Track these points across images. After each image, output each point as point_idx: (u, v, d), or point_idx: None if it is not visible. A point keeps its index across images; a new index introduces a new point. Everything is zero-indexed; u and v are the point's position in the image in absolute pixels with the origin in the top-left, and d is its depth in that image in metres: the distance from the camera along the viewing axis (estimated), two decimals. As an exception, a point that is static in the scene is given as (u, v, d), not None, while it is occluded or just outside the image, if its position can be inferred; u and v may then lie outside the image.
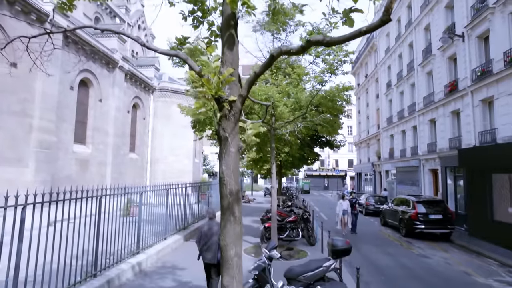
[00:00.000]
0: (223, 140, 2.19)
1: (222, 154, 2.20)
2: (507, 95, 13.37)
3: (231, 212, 2.16)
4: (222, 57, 2.21)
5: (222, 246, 2.17)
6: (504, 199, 13.19)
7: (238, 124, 2.25)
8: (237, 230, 2.16)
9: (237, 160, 2.20)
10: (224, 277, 2.17)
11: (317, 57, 10.95)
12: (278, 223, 11.49)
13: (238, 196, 2.20)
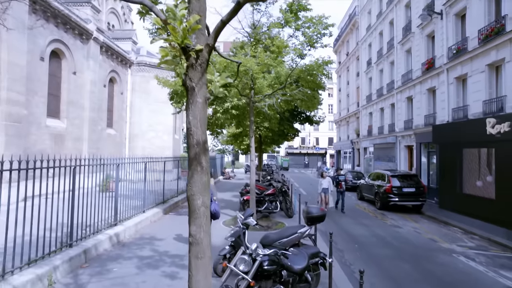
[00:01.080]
0: (190, 90, 2.16)
1: (189, 104, 2.18)
2: (479, 72, 13.75)
3: (198, 162, 2.16)
4: (189, 5, 2.15)
5: (189, 196, 2.19)
6: (473, 173, 13.82)
7: (205, 75, 2.21)
8: (204, 180, 2.17)
9: (204, 110, 2.18)
10: (191, 227, 2.20)
11: (297, 30, 10.85)
12: (257, 196, 11.67)
13: (205, 147, 2.20)
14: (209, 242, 2.21)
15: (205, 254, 2.18)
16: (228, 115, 10.57)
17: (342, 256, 8.13)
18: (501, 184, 11.80)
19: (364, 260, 7.91)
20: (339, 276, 6.41)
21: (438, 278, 6.83)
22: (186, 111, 2.23)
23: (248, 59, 9.51)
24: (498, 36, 12.41)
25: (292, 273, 4.72)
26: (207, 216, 2.21)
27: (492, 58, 12.96)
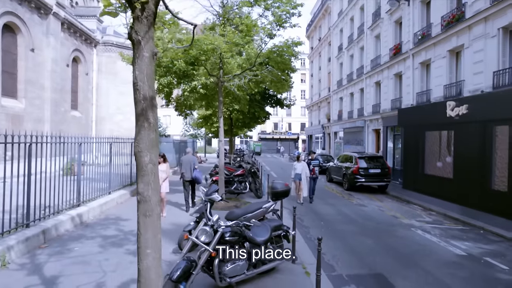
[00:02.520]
0: (136, 43, 2.07)
1: (135, 58, 2.09)
2: (441, 58, 14.28)
3: (145, 118, 2.10)
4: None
5: (136, 152, 2.12)
6: (434, 155, 14.49)
7: (152, 28, 2.13)
8: (152, 136, 2.11)
9: (151, 65, 2.11)
10: (139, 184, 2.15)
11: (267, 9, 10.71)
12: (226, 176, 11.69)
13: (153, 103, 2.13)
14: (157, 200, 2.17)
15: (153, 212, 2.14)
16: (196, 95, 10.39)
17: (308, 232, 8.35)
18: (458, 164, 12.46)
19: (329, 235, 8.15)
20: (303, 250, 6.58)
21: (396, 250, 7.18)
22: (132, 66, 2.14)
23: (216, 37, 9.32)
24: (459, 23, 12.88)
25: (255, 244, 4.79)
26: (155, 173, 2.17)
27: (453, 44, 13.47)
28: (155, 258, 2.15)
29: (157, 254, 2.17)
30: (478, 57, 11.99)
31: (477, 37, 12.07)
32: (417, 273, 5.89)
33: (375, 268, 6.05)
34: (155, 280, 2.14)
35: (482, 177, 11.17)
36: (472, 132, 11.69)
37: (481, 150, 11.31)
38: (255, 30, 10.14)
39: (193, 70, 9.30)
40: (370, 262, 6.34)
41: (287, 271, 5.43)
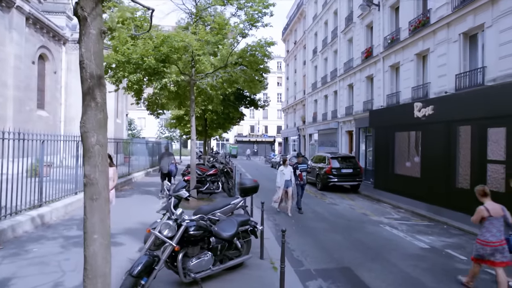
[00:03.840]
0: (82, 20, 1.99)
1: (81, 36, 2.01)
2: (409, 61, 14.81)
3: (92, 97, 2.02)
4: None
5: (82, 133, 2.04)
6: (403, 155, 14.95)
7: (99, 5, 2.05)
8: (99, 117, 2.03)
9: (99, 44, 2.03)
10: (86, 167, 2.06)
11: (240, 9, 10.73)
12: (199, 176, 11.56)
13: (101, 82, 2.05)
14: (105, 184, 2.09)
15: (100, 195, 2.06)
16: (167, 92, 10.22)
17: (279, 230, 8.36)
18: (425, 164, 12.91)
19: (300, 233, 8.21)
20: (272, 246, 6.58)
21: (364, 244, 7.32)
22: (79, 43, 2.05)
23: (187, 35, 9.23)
24: (424, 28, 13.42)
25: (221, 239, 4.73)
26: (103, 155, 2.08)
27: (419, 48, 14.01)
28: (102, 244, 2.07)
29: (104, 240, 2.09)
30: (442, 60, 12.51)
31: (441, 42, 12.60)
32: (382, 265, 6.02)
33: (343, 262, 6.13)
34: (102, 266, 2.05)
35: (447, 175, 11.62)
36: (438, 132, 12.16)
37: (446, 149, 11.78)
38: (227, 29, 10.10)
39: (164, 68, 9.15)
40: (338, 257, 6.43)
41: (254, 266, 5.40)
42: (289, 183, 10.23)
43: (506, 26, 9.69)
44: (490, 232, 4.86)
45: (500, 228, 4.88)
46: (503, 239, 4.84)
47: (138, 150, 20.90)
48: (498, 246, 4.79)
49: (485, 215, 4.93)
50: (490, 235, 4.84)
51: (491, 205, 4.99)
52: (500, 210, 4.96)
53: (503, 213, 4.95)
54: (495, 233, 4.83)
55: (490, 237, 4.83)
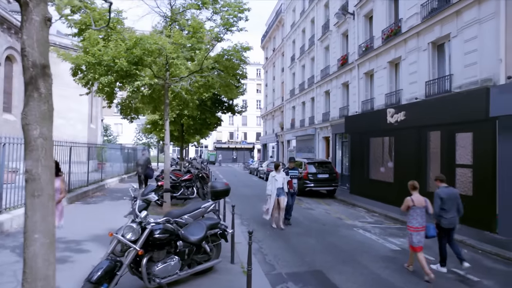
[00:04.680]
0: (23, 5, 1.88)
1: (23, 22, 1.90)
2: (382, 68, 15.20)
3: (35, 87, 1.90)
4: None
5: (23, 125, 1.91)
6: (377, 160, 15.23)
7: (44, -10, 1.94)
8: (43, 108, 1.91)
9: (43, 31, 1.92)
10: (27, 161, 1.93)
11: (216, 13, 10.70)
12: (173, 182, 11.35)
13: (45, 72, 1.94)
14: (49, 179, 1.96)
15: (43, 192, 1.93)
16: (139, 95, 10.01)
17: (253, 234, 8.26)
18: (398, 169, 13.20)
19: (273, 237, 8.15)
20: (244, 250, 6.45)
21: (337, 248, 7.34)
22: (20, 30, 1.93)
23: (161, 37, 9.10)
24: (396, 36, 13.83)
25: (189, 243, 4.61)
26: (48, 149, 1.96)
27: (392, 56, 14.41)
28: (44, 243, 1.93)
29: (46, 239, 1.95)
30: (413, 68, 12.91)
31: (411, 50, 13.01)
32: (353, 268, 6.04)
33: (315, 266, 6.11)
34: (43, 268, 1.91)
35: (418, 180, 11.86)
36: (409, 137, 12.48)
37: (417, 154, 12.09)
38: (202, 32, 10.04)
39: (137, 70, 8.95)
40: (310, 260, 6.40)
41: (224, 270, 5.28)
42: (281, 191, 8.97)
43: (470, 36, 10.11)
44: (416, 220, 5.77)
45: (422, 216, 5.79)
46: (424, 226, 5.77)
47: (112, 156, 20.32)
48: (420, 231, 5.72)
49: (410, 204, 5.84)
50: (416, 221, 5.76)
51: (416, 197, 5.87)
52: (423, 201, 5.84)
53: (425, 204, 5.83)
54: (418, 220, 5.76)
55: (416, 223, 5.75)
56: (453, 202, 5.92)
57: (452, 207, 5.90)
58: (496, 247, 7.34)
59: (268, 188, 9.09)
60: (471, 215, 9.47)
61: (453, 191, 6.14)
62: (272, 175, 9.13)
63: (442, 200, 5.88)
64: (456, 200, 5.98)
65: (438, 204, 5.89)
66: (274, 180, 8.98)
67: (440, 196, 5.91)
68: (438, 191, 6.04)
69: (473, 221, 9.31)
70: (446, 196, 5.90)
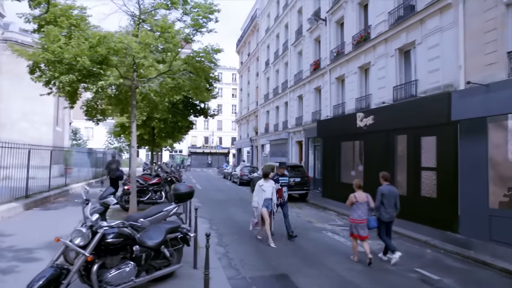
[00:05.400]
0: None
1: None
2: (353, 73, 15.51)
3: None
4: None
5: None
6: (348, 164, 15.46)
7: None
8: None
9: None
10: None
11: (186, 14, 10.52)
12: (141, 186, 11.01)
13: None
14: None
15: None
16: (103, 95, 9.63)
17: (221, 239, 8.09)
18: (367, 172, 13.42)
19: (241, 241, 8.00)
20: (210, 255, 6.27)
21: (304, 251, 7.29)
22: None
23: (127, 36, 8.81)
24: (366, 42, 14.17)
25: (146, 248, 4.38)
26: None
27: (361, 61, 14.73)
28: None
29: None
30: (381, 73, 13.23)
31: (380, 56, 13.35)
32: (319, 271, 5.99)
33: (280, 269, 6.01)
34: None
35: (386, 182, 12.15)
36: (378, 141, 12.74)
37: (385, 158, 12.35)
38: (170, 32, 9.82)
39: (101, 70, 8.59)
40: (276, 264, 6.30)
41: (186, 276, 5.08)
42: (269, 202, 7.86)
43: (433, 43, 10.49)
44: (356, 213, 6.58)
45: (364, 210, 6.60)
46: (365, 219, 6.55)
47: (80, 160, 19.50)
48: (361, 223, 6.50)
49: (353, 200, 6.67)
50: (357, 215, 6.58)
51: (359, 194, 6.74)
52: (364, 197, 6.69)
53: (366, 199, 6.67)
54: (360, 214, 6.56)
55: (357, 217, 6.57)
56: (392, 199, 6.70)
57: (391, 203, 6.67)
58: (457, 246, 7.55)
59: (254, 199, 7.99)
60: (435, 216, 9.78)
61: (393, 189, 6.89)
62: (259, 184, 7.97)
63: (384, 196, 6.65)
64: (395, 197, 6.77)
65: (379, 199, 6.66)
66: (261, 191, 7.86)
67: (382, 192, 6.69)
68: (380, 188, 6.82)
69: (437, 222, 9.59)
70: (387, 192, 6.68)
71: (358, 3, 15.31)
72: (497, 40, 8.33)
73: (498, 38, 8.31)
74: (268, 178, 8.11)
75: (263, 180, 8.05)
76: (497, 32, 8.33)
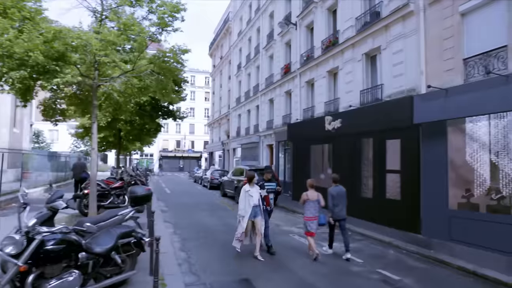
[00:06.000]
0: None
1: None
2: (322, 77, 15.70)
3: None
4: None
5: None
6: (318, 167, 15.57)
7: None
8: None
9: None
10: None
11: (152, 12, 10.20)
12: (102, 190, 10.52)
13: None
14: None
15: None
16: (60, 95, 9.11)
17: (184, 244, 7.80)
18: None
19: (205, 246, 7.75)
20: (169, 261, 6.01)
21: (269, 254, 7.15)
22: None
23: (86, 32, 8.38)
24: (334, 47, 14.39)
25: (94, 254, 4.07)
26: None
27: (330, 65, 14.94)
28: None
29: None
30: (349, 77, 13.46)
31: (347, 61, 13.58)
32: (282, 274, 5.87)
33: (243, 274, 5.83)
34: None
35: (353, 186, 12.27)
36: (345, 144, 12.91)
37: (352, 161, 12.52)
38: (134, 30, 9.45)
39: (57, 66, 8.09)
40: (240, 269, 6.11)
41: (140, 283, 4.78)
42: (257, 210, 7.05)
43: (397, 49, 10.79)
44: (309, 211, 6.96)
45: (315, 208, 6.99)
46: (316, 216, 6.98)
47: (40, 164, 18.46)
48: (313, 220, 6.93)
49: (305, 198, 7.01)
50: (310, 213, 6.95)
51: (311, 192, 7.10)
52: (315, 196, 7.06)
53: (317, 198, 7.06)
54: (312, 211, 6.95)
55: (309, 214, 6.95)
56: (341, 199, 7.31)
57: (340, 203, 7.27)
58: (419, 246, 7.70)
59: (240, 207, 7.00)
60: (399, 218, 9.96)
61: (342, 190, 7.46)
62: (245, 189, 7.10)
63: (333, 196, 7.23)
64: (343, 197, 7.40)
65: (330, 200, 7.21)
66: (249, 196, 6.94)
67: (332, 193, 7.26)
68: (330, 189, 7.36)
69: (401, 223, 9.77)
70: (336, 193, 7.27)
71: (327, 9, 15.56)
72: (454, 47, 8.66)
73: (455, 45, 8.64)
74: (254, 183, 7.22)
75: (248, 185, 7.16)
76: (454, 40, 8.67)
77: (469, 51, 8.38)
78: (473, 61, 8.21)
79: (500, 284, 5.57)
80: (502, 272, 5.86)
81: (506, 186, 7.50)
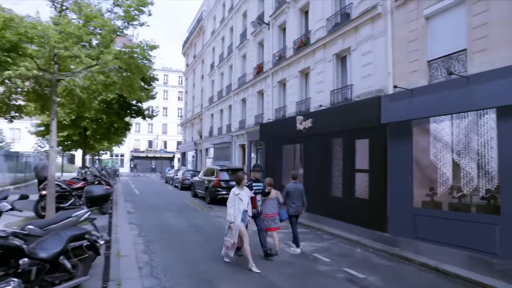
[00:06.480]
0: None
1: None
2: (294, 77, 15.73)
3: None
4: None
5: None
6: (290, 167, 15.53)
7: None
8: None
9: None
10: None
11: (118, 6, 9.77)
12: (63, 190, 9.94)
13: None
14: None
15: None
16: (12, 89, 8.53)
17: (147, 246, 7.47)
18: (307, 175, 13.58)
19: (170, 247, 7.46)
20: (129, 265, 5.70)
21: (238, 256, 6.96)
22: None
23: (42, 23, 7.88)
24: (306, 47, 14.45)
25: (38, 260, 3.73)
26: None
27: (302, 65, 14.99)
28: None
29: None
30: (320, 78, 13.55)
31: (319, 61, 13.67)
32: (248, 276, 5.71)
33: (207, 276, 5.62)
34: None
35: (323, 185, 12.37)
36: (316, 144, 12.96)
37: (322, 160, 12.58)
38: (97, 22, 9.00)
39: (8, 58, 7.55)
40: (204, 271, 5.89)
41: (93, 290, 4.47)
42: (245, 215, 6.43)
43: (366, 50, 10.95)
44: (267, 208, 7.12)
45: (274, 205, 7.21)
46: (276, 213, 7.21)
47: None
48: (272, 217, 7.13)
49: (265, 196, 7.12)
50: (268, 210, 7.12)
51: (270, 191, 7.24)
52: (274, 194, 7.26)
53: (276, 195, 7.29)
54: (270, 209, 7.15)
55: (268, 211, 7.11)
56: (298, 195, 7.50)
57: (297, 199, 7.48)
58: (385, 244, 7.78)
59: (229, 212, 6.30)
60: (367, 217, 10.08)
61: (299, 186, 7.66)
62: (234, 192, 6.41)
63: (289, 193, 7.46)
64: (300, 194, 7.56)
65: (285, 195, 7.47)
66: (239, 200, 6.31)
67: (287, 190, 7.50)
68: (286, 186, 7.62)
69: (369, 222, 9.88)
70: (292, 190, 7.47)
71: (300, 9, 15.62)
72: (419, 50, 8.87)
73: (420, 48, 8.85)
74: (243, 185, 6.54)
75: (238, 188, 6.48)
76: (419, 42, 8.88)
77: (433, 54, 8.62)
78: (436, 63, 8.44)
79: (459, 279, 5.69)
80: (462, 267, 6.01)
81: (466, 184, 7.74)
